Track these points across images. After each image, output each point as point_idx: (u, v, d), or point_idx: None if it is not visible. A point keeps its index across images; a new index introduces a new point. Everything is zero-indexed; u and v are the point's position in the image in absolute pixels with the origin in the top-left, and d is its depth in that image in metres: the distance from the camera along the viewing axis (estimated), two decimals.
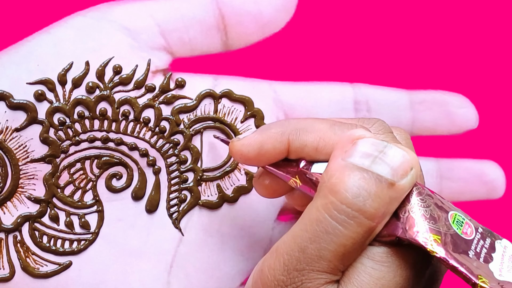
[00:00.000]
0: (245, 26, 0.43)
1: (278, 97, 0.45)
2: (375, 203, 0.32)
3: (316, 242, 0.32)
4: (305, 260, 0.32)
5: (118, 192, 0.43)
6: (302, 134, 0.36)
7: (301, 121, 0.37)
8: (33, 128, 0.41)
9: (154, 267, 0.43)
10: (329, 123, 0.36)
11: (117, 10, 0.42)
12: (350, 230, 0.32)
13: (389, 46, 0.46)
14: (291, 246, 0.33)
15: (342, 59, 0.46)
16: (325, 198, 0.33)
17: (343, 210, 0.32)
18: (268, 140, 0.37)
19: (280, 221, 0.46)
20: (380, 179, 0.32)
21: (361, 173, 0.32)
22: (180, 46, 0.43)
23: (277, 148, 0.36)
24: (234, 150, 0.38)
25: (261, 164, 0.38)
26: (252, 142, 0.37)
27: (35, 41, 0.41)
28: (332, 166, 0.34)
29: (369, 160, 0.33)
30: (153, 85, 0.43)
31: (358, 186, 0.32)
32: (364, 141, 0.34)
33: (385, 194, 0.32)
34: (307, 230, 0.33)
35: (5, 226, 0.41)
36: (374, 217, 0.32)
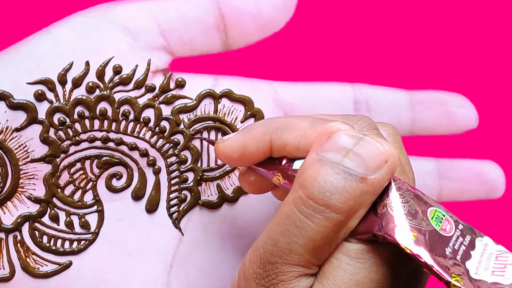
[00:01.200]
0: (245, 26, 0.44)
1: (278, 97, 0.45)
2: (342, 198, 0.32)
3: (287, 236, 0.33)
4: (278, 253, 0.33)
5: (118, 192, 0.43)
6: (283, 133, 0.36)
7: (282, 119, 0.37)
8: (33, 128, 0.41)
9: (154, 267, 0.43)
10: (310, 121, 0.36)
11: (117, 10, 0.42)
12: (317, 224, 0.32)
13: (389, 46, 0.46)
14: (266, 240, 0.33)
15: (342, 59, 0.46)
16: (295, 192, 0.33)
17: (310, 204, 0.32)
18: (250, 140, 0.37)
19: None
20: (350, 172, 0.32)
21: (331, 168, 0.32)
22: (180, 46, 0.43)
23: (260, 148, 0.36)
24: (218, 152, 0.38)
25: (245, 165, 0.38)
26: (235, 143, 0.37)
27: (35, 41, 0.41)
28: (306, 161, 0.34)
29: (342, 153, 0.33)
30: (153, 85, 0.43)
31: (326, 181, 0.32)
32: (339, 134, 0.33)
33: (355, 189, 0.32)
34: (279, 224, 0.33)
35: (5, 226, 0.41)
36: (342, 211, 0.32)
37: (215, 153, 0.38)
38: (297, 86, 0.45)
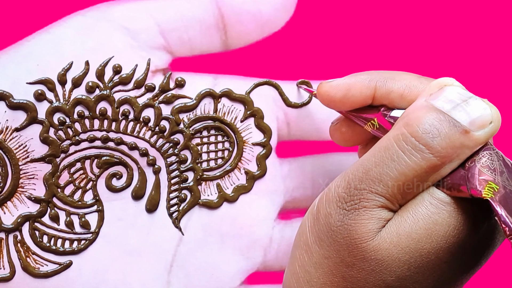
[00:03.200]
0: (245, 25, 0.43)
1: (277, 96, 0.45)
2: (443, 143, 0.34)
3: (380, 166, 0.34)
4: (367, 181, 0.35)
5: (118, 192, 0.43)
6: (389, 81, 0.38)
7: (387, 71, 0.39)
8: (33, 128, 0.41)
9: (154, 266, 0.43)
10: (415, 75, 0.38)
11: (117, 10, 0.42)
12: (413, 161, 0.34)
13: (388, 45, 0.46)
14: (357, 167, 0.35)
15: (342, 58, 0.46)
16: (398, 129, 0.35)
17: (410, 141, 0.34)
18: (356, 84, 0.39)
19: (280, 220, 0.46)
20: (455, 123, 0.34)
21: (437, 114, 0.34)
22: (180, 45, 0.43)
23: (363, 93, 0.38)
24: (322, 91, 0.40)
25: (344, 108, 0.40)
26: (341, 84, 0.39)
27: (34, 40, 0.41)
28: (414, 105, 0.36)
29: (451, 105, 0.35)
30: (153, 84, 0.43)
31: (431, 124, 0.34)
32: (451, 88, 0.35)
33: (456, 139, 0.34)
34: (375, 155, 0.35)
35: (6, 226, 0.41)
36: (440, 155, 0.34)
37: (318, 92, 0.40)
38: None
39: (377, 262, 0.34)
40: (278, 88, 0.45)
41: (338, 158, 0.47)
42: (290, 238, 0.46)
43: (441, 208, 0.34)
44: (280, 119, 0.45)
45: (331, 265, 0.35)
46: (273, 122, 0.45)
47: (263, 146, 0.45)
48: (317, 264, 0.35)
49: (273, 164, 0.45)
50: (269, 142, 0.45)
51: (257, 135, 0.45)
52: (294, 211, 0.46)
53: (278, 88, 0.45)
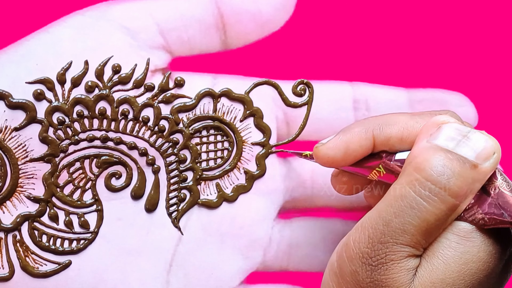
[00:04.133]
0: (244, 25, 0.43)
1: (277, 96, 0.45)
2: (459, 182, 0.34)
3: (401, 217, 0.34)
4: (389, 233, 0.34)
5: (118, 191, 0.43)
6: (385, 127, 0.38)
7: (379, 117, 0.39)
8: (32, 128, 0.41)
9: (153, 266, 0.43)
10: (408, 115, 0.38)
11: (116, 9, 0.42)
12: (433, 206, 0.34)
13: (388, 45, 0.46)
14: (376, 220, 0.35)
15: (341, 58, 0.46)
16: (410, 175, 0.35)
17: (427, 186, 0.34)
18: (353, 139, 0.38)
19: (279, 220, 0.46)
20: (464, 160, 0.34)
21: (445, 154, 0.35)
22: (179, 45, 0.43)
23: (363, 145, 0.38)
24: (320, 155, 0.39)
25: (346, 164, 0.39)
26: (338, 143, 0.39)
27: (34, 40, 0.41)
28: (417, 148, 0.36)
29: (454, 142, 0.35)
30: (152, 84, 0.43)
31: (443, 165, 0.34)
32: (449, 126, 0.36)
33: (468, 175, 0.34)
34: (392, 205, 0.35)
35: (5, 226, 0.41)
36: (457, 195, 0.34)
37: (316, 156, 0.40)
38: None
39: None
40: (277, 88, 0.45)
41: None
42: (290, 238, 0.46)
43: (469, 245, 0.34)
44: (280, 119, 0.45)
45: None
46: (272, 121, 0.45)
47: (262, 146, 0.45)
48: None
49: (273, 164, 0.45)
50: (269, 141, 0.45)
51: (257, 135, 0.45)
52: (294, 210, 0.46)
53: (278, 87, 0.45)
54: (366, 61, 0.46)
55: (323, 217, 0.47)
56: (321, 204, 0.47)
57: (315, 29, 0.45)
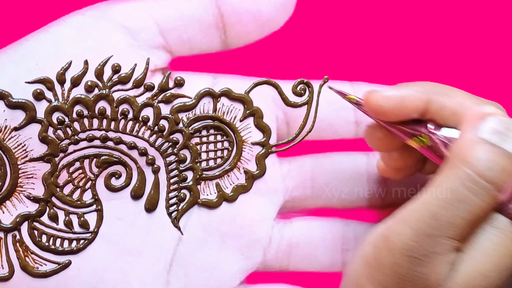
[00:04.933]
0: (244, 24, 0.43)
1: (277, 96, 0.45)
2: (504, 177, 0.35)
3: (449, 210, 0.34)
4: (437, 226, 0.34)
5: (117, 191, 0.43)
6: (442, 96, 0.38)
7: (439, 84, 0.39)
8: (32, 127, 0.41)
9: (153, 266, 0.43)
10: (466, 94, 0.38)
11: (116, 9, 0.42)
12: (481, 199, 0.34)
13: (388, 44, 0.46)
14: (422, 213, 0.35)
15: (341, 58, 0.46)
16: (457, 168, 0.35)
17: (476, 181, 0.34)
18: (409, 95, 0.38)
19: (279, 219, 0.46)
20: (508, 155, 0.35)
21: (492, 148, 0.35)
22: (179, 45, 0.43)
23: (416, 105, 0.38)
24: (371, 101, 0.39)
25: (392, 119, 0.39)
26: (393, 95, 0.38)
27: (33, 40, 0.41)
28: (463, 139, 0.36)
29: (499, 137, 0.35)
30: (152, 84, 0.43)
31: (491, 160, 0.35)
32: (494, 118, 0.36)
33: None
34: (439, 198, 0.35)
35: (4, 226, 0.41)
36: (503, 189, 0.35)
37: (367, 102, 0.39)
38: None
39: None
40: (277, 88, 0.44)
41: (338, 157, 0.47)
42: (290, 238, 0.46)
43: (506, 239, 0.35)
44: (280, 119, 0.45)
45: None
46: (272, 121, 0.45)
47: (262, 146, 0.45)
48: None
49: (273, 164, 0.45)
50: (269, 141, 0.45)
51: (257, 135, 0.45)
52: (294, 210, 0.46)
53: (278, 87, 0.44)
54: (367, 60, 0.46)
55: (323, 217, 0.47)
56: (322, 204, 0.47)
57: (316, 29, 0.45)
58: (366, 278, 0.36)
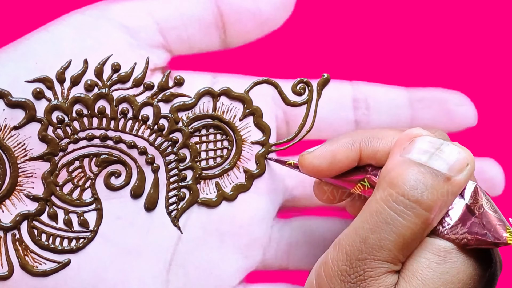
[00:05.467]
0: (244, 24, 0.43)
1: (277, 95, 0.45)
2: (432, 195, 0.34)
3: (377, 232, 0.34)
4: (367, 249, 0.34)
5: (117, 190, 0.43)
6: (373, 141, 0.38)
7: (367, 131, 0.39)
8: (32, 126, 0.41)
9: (153, 265, 0.43)
10: (397, 130, 0.38)
11: (116, 8, 0.42)
12: (408, 220, 0.34)
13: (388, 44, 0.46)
14: (353, 238, 0.35)
15: (341, 57, 0.46)
16: (384, 191, 0.35)
17: (401, 201, 0.34)
18: (340, 149, 0.38)
19: (279, 219, 0.46)
20: (437, 173, 0.34)
21: (418, 168, 0.34)
22: (179, 44, 0.43)
23: (349, 157, 0.38)
24: (305, 163, 0.39)
25: (330, 175, 0.39)
26: (324, 153, 0.39)
27: (33, 39, 0.41)
28: (390, 162, 0.36)
29: (426, 156, 0.35)
30: (151, 83, 0.43)
31: (416, 179, 0.34)
32: (422, 139, 0.36)
33: (442, 188, 0.34)
34: (368, 221, 0.34)
35: (4, 224, 0.41)
36: (431, 209, 0.34)
37: (301, 165, 0.40)
38: None
39: None
40: (277, 87, 0.45)
41: None
42: (289, 237, 0.46)
43: (449, 266, 0.34)
44: (279, 118, 0.45)
45: None
46: (272, 120, 0.45)
47: (262, 145, 0.45)
48: None
49: (272, 163, 0.45)
50: (268, 140, 0.45)
51: (256, 134, 0.45)
52: (293, 210, 0.46)
53: (277, 86, 0.44)
54: (366, 60, 0.46)
55: (322, 216, 0.47)
56: (321, 203, 0.47)
57: (315, 28, 0.45)
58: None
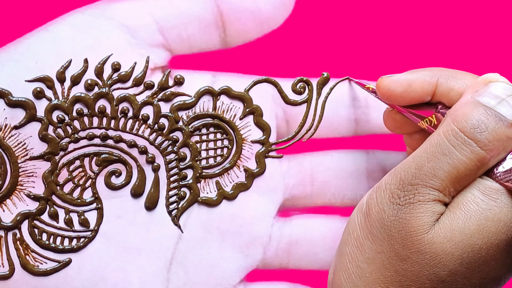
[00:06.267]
0: (244, 23, 0.43)
1: (277, 94, 0.45)
2: (490, 136, 0.35)
3: (433, 162, 0.36)
4: (420, 176, 0.36)
5: (117, 190, 0.43)
6: (450, 79, 0.39)
7: (447, 69, 0.40)
8: (32, 126, 0.41)
9: (153, 264, 0.43)
10: (475, 76, 0.39)
11: (116, 8, 0.42)
12: (464, 155, 0.35)
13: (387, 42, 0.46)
14: (410, 164, 0.36)
15: (341, 56, 0.46)
16: (447, 125, 0.36)
17: (460, 136, 0.36)
18: (417, 79, 0.39)
19: (279, 217, 0.46)
20: (501, 118, 0.36)
21: (484, 110, 0.36)
22: (179, 43, 0.43)
23: (424, 88, 0.39)
24: (382, 85, 0.40)
25: (403, 103, 0.40)
26: (402, 79, 0.40)
27: (33, 38, 0.41)
28: (460, 101, 0.37)
29: (496, 100, 0.36)
30: (151, 82, 0.43)
31: (478, 119, 0.36)
32: (497, 84, 0.37)
33: (503, 132, 0.35)
34: (426, 151, 0.36)
35: (5, 224, 0.41)
36: (488, 148, 0.35)
37: (378, 87, 0.41)
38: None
39: (431, 255, 0.35)
40: (277, 86, 0.45)
41: (338, 155, 0.47)
42: (290, 236, 0.46)
43: (492, 204, 0.35)
44: (279, 117, 0.45)
45: (384, 259, 0.36)
46: (272, 119, 0.45)
47: (262, 144, 0.45)
48: (369, 259, 0.36)
49: (272, 162, 0.45)
50: (268, 139, 0.45)
51: (256, 133, 0.45)
52: (293, 208, 0.46)
53: (277, 85, 0.45)
54: (366, 58, 0.46)
55: (322, 215, 0.47)
56: (321, 202, 0.47)
57: (315, 26, 0.45)
58: (360, 225, 0.37)
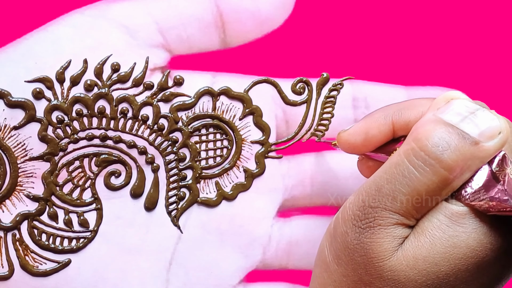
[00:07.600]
0: (243, 23, 0.43)
1: (276, 94, 0.45)
2: (453, 155, 0.34)
3: (392, 183, 0.34)
4: (380, 198, 0.34)
5: (117, 190, 0.43)
6: (404, 112, 0.38)
7: (400, 103, 0.39)
8: (32, 126, 0.41)
9: (153, 264, 0.43)
10: (429, 99, 0.38)
11: (115, 8, 0.42)
12: (425, 176, 0.34)
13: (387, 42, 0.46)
14: (370, 185, 0.35)
15: (341, 56, 0.46)
16: (407, 145, 0.35)
17: (420, 156, 0.34)
18: (372, 125, 0.39)
19: (279, 218, 0.46)
20: (464, 136, 0.34)
21: (446, 127, 0.34)
22: (178, 43, 0.43)
23: (382, 131, 0.39)
24: (342, 141, 0.40)
25: (368, 150, 0.40)
26: (358, 129, 0.40)
27: (33, 39, 0.41)
28: (421, 120, 0.36)
29: (459, 118, 0.35)
30: (151, 82, 0.43)
31: (440, 137, 0.34)
32: (458, 102, 0.35)
33: (467, 150, 0.34)
34: (386, 171, 0.35)
35: (4, 224, 0.41)
36: (451, 169, 0.34)
37: (339, 143, 0.41)
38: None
39: (394, 282, 0.34)
40: (276, 86, 0.45)
41: (337, 156, 0.47)
42: (289, 236, 0.46)
43: (459, 230, 0.34)
44: (279, 117, 0.45)
45: (349, 283, 0.35)
46: (271, 120, 0.45)
47: (261, 144, 0.45)
48: (336, 282, 0.36)
49: (272, 162, 0.45)
50: (268, 140, 0.45)
51: (256, 133, 0.45)
52: (293, 209, 0.46)
53: (277, 86, 0.45)
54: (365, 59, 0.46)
55: (322, 215, 0.47)
56: (320, 203, 0.47)
57: (314, 27, 0.45)
58: (327, 247, 0.37)
